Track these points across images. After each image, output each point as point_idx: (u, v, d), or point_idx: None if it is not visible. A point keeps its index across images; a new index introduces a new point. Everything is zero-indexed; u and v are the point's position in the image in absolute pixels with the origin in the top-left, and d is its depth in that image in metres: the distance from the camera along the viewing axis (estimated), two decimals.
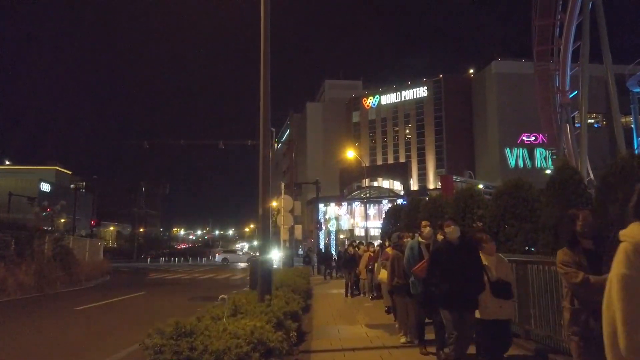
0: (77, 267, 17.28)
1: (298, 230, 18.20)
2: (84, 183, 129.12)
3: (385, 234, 22.20)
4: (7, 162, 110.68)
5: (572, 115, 26.06)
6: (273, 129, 18.58)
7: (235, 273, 28.76)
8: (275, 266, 20.82)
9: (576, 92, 25.88)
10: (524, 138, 66.70)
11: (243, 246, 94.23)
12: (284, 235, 16.86)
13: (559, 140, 26.34)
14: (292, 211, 17.06)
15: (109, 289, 16.97)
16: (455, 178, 27.46)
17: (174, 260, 50.69)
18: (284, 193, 15.43)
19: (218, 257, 52.37)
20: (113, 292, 15.46)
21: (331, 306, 11.42)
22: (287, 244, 18.70)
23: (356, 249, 14.98)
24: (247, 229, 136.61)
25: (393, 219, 21.89)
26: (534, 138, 67.12)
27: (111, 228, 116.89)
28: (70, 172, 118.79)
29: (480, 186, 27.44)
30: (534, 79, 28.28)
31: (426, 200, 17.39)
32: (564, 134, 25.70)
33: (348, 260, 14.18)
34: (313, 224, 37.30)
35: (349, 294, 13.54)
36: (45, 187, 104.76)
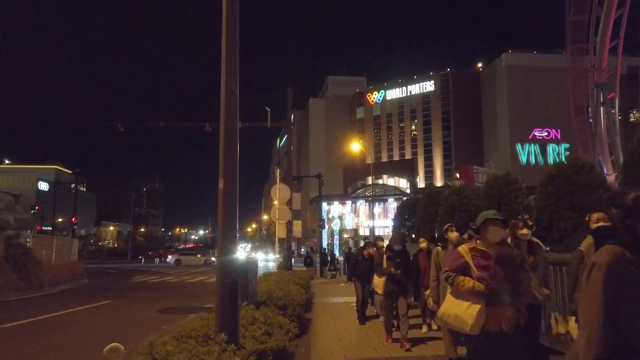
0: (38, 270, 14.74)
1: (297, 226, 15.60)
2: (85, 182, 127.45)
3: (397, 231, 19.59)
4: (7, 162, 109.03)
5: (609, 97, 23.23)
6: (268, 109, 16.04)
7: None
8: (274, 269, 18.22)
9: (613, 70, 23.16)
10: (535, 133, 63.98)
11: (245, 246, 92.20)
12: (280, 232, 14.26)
13: (595, 127, 23.40)
14: (289, 203, 14.48)
15: (74, 295, 14.43)
16: (476, 168, 24.83)
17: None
18: (280, 181, 12.83)
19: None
20: (75, 300, 12.91)
21: (338, 324, 8.79)
22: (285, 244, 16.09)
23: (374, 248, 10.28)
24: (249, 229, 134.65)
25: (406, 215, 19.32)
26: (546, 133, 64.42)
27: (111, 228, 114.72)
28: (70, 172, 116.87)
29: None
30: (566, 54, 25.34)
31: (448, 191, 14.76)
32: (597, 119, 22.81)
33: (364, 265, 9.00)
34: (316, 222, 34.72)
35: (363, 319, 8.79)
36: (44, 186, 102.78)
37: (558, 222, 9.78)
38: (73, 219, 28.19)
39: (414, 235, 17.52)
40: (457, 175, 23.71)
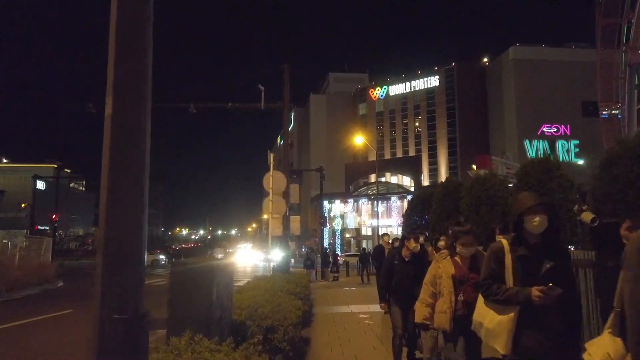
0: None
1: (295, 222, 13.55)
2: (83, 182, 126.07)
3: (409, 228, 17.53)
4: (5, 160, 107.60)
5: None
6: (262, 87, 14.03)
7: None
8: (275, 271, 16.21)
9: None
10: (544, 129, 61.81)
11: (245, 246, 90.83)
12: (275, 228, 12.21)
13: (627, 113, 21.22)
14: (286, 196, 12.45)
15: (33, 302, 12.42)
16: (494, 158, 22.75)
17: (165, 261, 46.10)
18: (274, 168, 10.77)
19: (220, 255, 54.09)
20: (31, 309, 10.90)
21: (346, 348, 6.74)
22: (281, 242, 14.03)
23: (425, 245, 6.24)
24: (249, 229, 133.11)
25: (419, 209, 17.25)
26: (555, 129, 62.25)
27: None
28: (69, 170, 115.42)
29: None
30: (597, 32, 23.00)
31: (471, 181, 12.70)
32: (631, 104, 20.58)
33: (405, 274, 5.31)
34: (317, 221, 32.74)
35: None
36: (41, 184, 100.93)
37: (633, 216, 7.70)
38: (54, 216, 26.17)
39: (426, 234, 15.45)
40: (474, 166, 21.74)
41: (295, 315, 5.85)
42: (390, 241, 10.06)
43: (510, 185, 12.46)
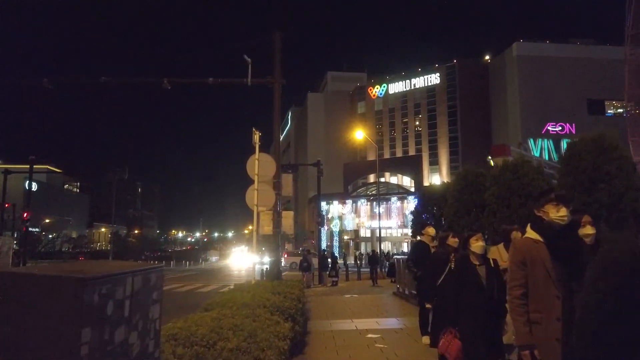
0: None
1: (288, 218, 11.46)
2: (79, 184, 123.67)
3: (420, 225, 15.54)
4: None
5: None
6: (249, 59, 11.98)
7: (214, 281, 22.30)
8: (267, 277, 14.13)
9: None
10: (549, 128, 59.96)
11: (242, 248, 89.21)
12: (264, 225, 10.14)
13: None
14: (278, 187, 10.38)
15: None
16: (513, 149, 20.80)
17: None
18: (259, 150, 8.69)
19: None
20: None
21: None
22: (272, 242, 11.94)
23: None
24: (246, 231, 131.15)
25: (432, 205, 15.24)
26: (560, 128, 60.40)
27: (102, 229, 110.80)
28: (60, 171, 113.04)
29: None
30: (627, 14, 20.98)
31: (499, 168, 10.66)
32: None
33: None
34: (314, 221, 30.68)
35: None
36: (33, 186, 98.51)
37: None
38: (25, 215, 24.02)
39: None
40: (489, 158, 19.90)
41: (277, 351, 3.77)
42: (436, 237, 6.10)
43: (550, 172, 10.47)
